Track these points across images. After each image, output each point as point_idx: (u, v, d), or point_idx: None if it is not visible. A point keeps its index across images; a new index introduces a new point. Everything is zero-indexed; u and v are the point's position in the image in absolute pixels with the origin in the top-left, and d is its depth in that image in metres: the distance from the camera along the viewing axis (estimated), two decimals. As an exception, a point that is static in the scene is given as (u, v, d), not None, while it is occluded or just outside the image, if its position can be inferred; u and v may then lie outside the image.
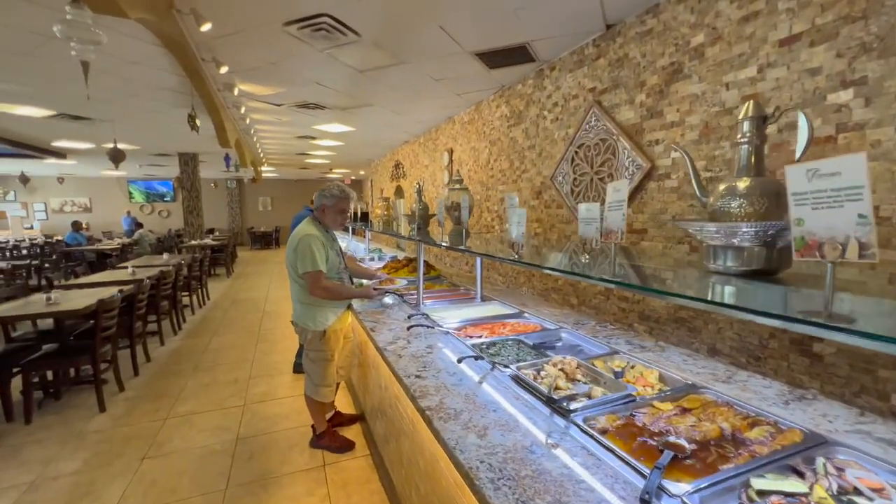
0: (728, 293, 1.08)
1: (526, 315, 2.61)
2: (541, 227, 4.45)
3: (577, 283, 3.99)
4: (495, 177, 5.34)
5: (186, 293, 6.75)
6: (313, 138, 7.91)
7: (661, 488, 1.04)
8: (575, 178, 3.93)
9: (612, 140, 3.44)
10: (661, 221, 3.18)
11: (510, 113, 4.98)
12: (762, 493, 1.01)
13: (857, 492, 1.01)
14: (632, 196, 3.35)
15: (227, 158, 8.21)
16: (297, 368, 4.10)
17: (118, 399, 3.68)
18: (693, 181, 1.26)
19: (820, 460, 1.11)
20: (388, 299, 2.90)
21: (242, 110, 5.42)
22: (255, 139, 7.70)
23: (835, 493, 1.00)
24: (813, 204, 0.68)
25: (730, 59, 2.30)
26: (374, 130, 7.42)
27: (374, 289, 2.64)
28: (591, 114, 3.67)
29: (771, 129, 2.31)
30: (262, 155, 10.01)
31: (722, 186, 1.18)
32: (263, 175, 14.67)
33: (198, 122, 4.68)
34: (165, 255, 7.13)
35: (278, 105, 5.44)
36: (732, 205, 1.13)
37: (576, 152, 3.88)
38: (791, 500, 0.98)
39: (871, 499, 0.98)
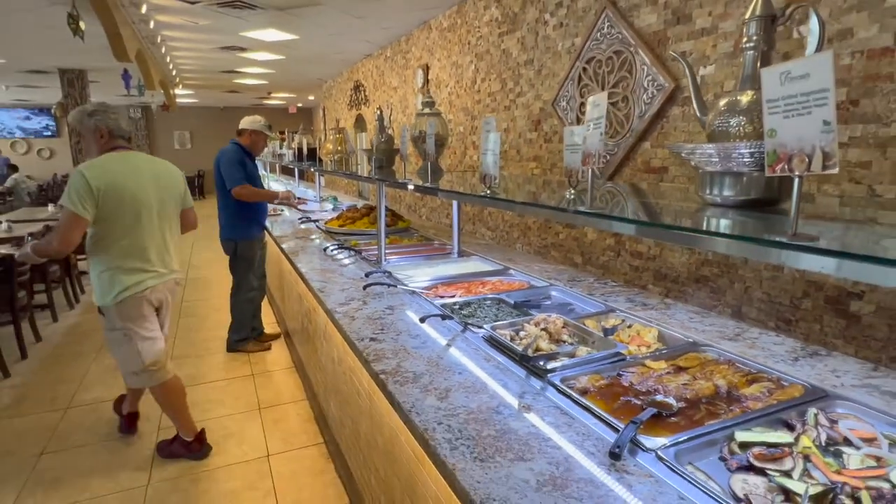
0: (710, 224, 1.22)
1: (511, 272, 2.76)
2: (539, 167, 4.58)
3: (581, 238, 4.19)
4: (483, 102, 5.40)
5: (83, 256, 6.77)
6: (243, 50, 7.90)
7: (636, 443, 1.22)
8: (582, 104, 4.04)
9: (629, 53, 3.54)
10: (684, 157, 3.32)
11: (502, 16, 4.98)
12: (744, 446, 1.21)
13: (848, 442, 1.21)
14: (651, 125, 3.48)
15: (125, 76, 8.01)
16: (233, 346, 4.29)
17: (2, 387, 3.80)
18: (692, 97, 1.38)
19: (811, 412, 1.31)
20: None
21: (143, 9, 5.27)
22: (163, 51, 7.59)
23: (822, 443, 1.20)
24: (784, 112, 0.81)
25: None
26: (325, 40, 7.38)
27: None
28: (605, 17, 3.73)
29: (792, 33, 2.42)
30: (174, 73, 9.91)
31: (722, 102, 1.31)
32: (179, 101, 14.43)
33: (82, 24, 4.56)
34: (51, 207, 7.10)
35: (192, 2, 5.30)
36: (731, 122, 1.26)
37: (584, 69, 3.98)
38: (773, 451, 1.18)
39: (858, 447, 1.18)
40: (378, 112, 3.58)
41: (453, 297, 2.35)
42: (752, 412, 1.35)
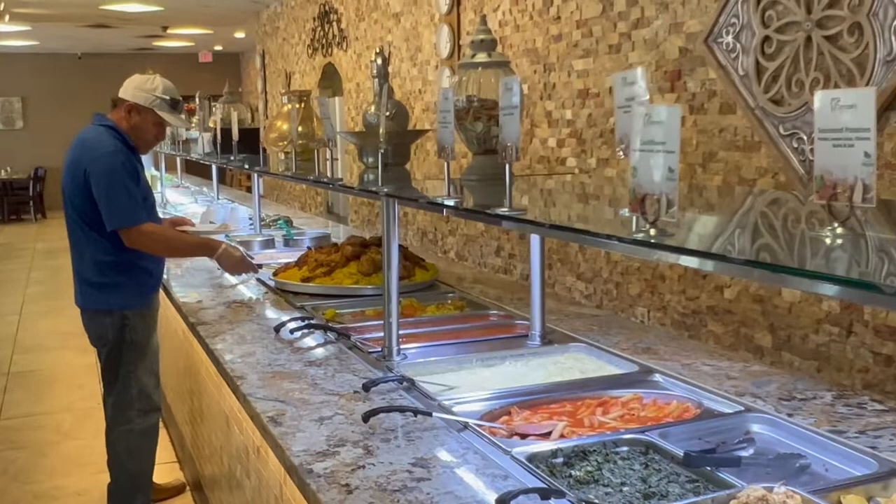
0: None
1: (657, 377, 2.68)
2: (682, 159, 4.39)
3: (769, 300, 3.97)
4: (567, 38, 5.40)
5: None
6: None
7: None
8: (766, 39, 3.94)
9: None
10: None
11: None
12: None
13: None
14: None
15: None
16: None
17: None
18: None
19: None
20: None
21: None
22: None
23: None
24: None
25: None
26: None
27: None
28: None
29: None
30: (-4, -5, 10.02)
31: None
32: (3, 45, 14.69)
33: None
34: None
35: None
36: None
37: (770, -24, 3.87)
38: None
39: None
40: (377, 60, 3.45)
41: (548, 434, 2.23)
42: None
